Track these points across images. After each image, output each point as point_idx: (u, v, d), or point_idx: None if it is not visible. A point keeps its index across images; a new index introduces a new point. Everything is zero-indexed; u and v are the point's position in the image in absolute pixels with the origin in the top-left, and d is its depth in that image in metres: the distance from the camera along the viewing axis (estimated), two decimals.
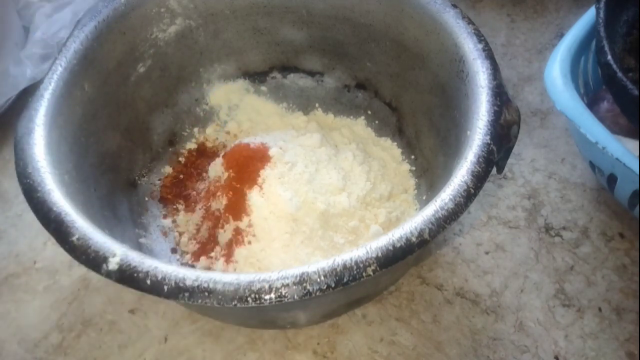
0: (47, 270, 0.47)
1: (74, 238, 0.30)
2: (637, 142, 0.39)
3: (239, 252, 0.40)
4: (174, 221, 0.46)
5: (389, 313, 0.43)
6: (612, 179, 0.41)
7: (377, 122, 0.50)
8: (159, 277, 0.29)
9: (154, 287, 0.29)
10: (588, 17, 0.44)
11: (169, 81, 0.48)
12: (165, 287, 0.28)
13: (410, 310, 0.43)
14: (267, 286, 0.28)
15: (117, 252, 0.30)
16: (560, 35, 0.55)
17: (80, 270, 0.46)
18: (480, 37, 0.37)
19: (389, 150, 0.48)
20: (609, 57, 0.39)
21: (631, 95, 0.37)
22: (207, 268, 0.42)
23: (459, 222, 0.47)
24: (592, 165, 0.43)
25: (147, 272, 0.29)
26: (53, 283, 0.46)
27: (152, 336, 0.43)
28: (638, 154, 0.38)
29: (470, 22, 0.38)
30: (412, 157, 0.47)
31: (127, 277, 0.29)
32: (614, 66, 0.38)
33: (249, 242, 0.40)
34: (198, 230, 0.44)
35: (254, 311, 0.35)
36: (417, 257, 0.43)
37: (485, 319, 0.42)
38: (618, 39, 0.43)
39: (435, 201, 0.30)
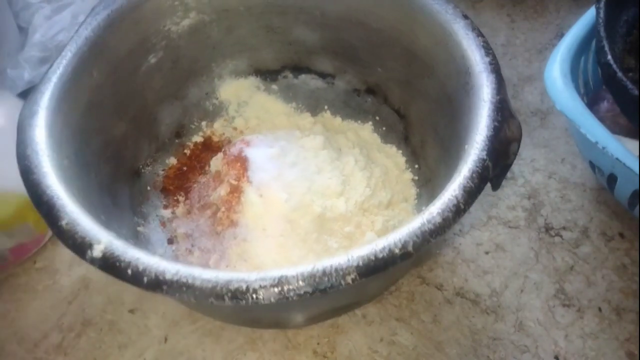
0: (47, 270, 0.47)
1: (63, 222, 0.31)
2: (637, 142, 0.39)
3: (233, 249, 0.41)
4: (173, 212, 0.46)
5: (389, 313, 0.43)
6: (612, 179, 0.41)
7: (384, 128, 0.49)
8: (140, 268, 0.29)
9: (135, 278, 0.29)
10: (588, 17, 0.44)
11: (180, 73, 0.48)
12: (145, 279, 0.28)
13: (410, 310, 0.43)
14: (244, 286, 0.28)
15: (103, 239, 0.30)
16: (560, 35, 0.55)
17: (80, 270, 0.46)
18: (488, 50, 0.36)
19: (393, 157, 0.48)
20: (609, 57, 0.39)
21: (631, 95, 0.37)
22: (201, 262, 0.42)
23: (459, 222, 0.47)
24: (592, 165, 0.43)
25: (129, 263, 0.29)
26: (53, 283, 0.46)
27: (152, 336, 0.43)
28: (638, 154, 0.38)
29: (479, 34, 0.37)
30: (416, 166, 0.47)
31: (109, 265, 0.29)
32: (614, 66, 0.38)
33: (243, 240, 0.40)
34: (195, 224, 0.44)
35: (241, 310, 0.35)
36: (417, 259, 0.43)
37: (485, 319, 0.42)
38: (618, 39, 0.43)
39: (423, 214, 0.30)
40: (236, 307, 0.29)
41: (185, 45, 0.47)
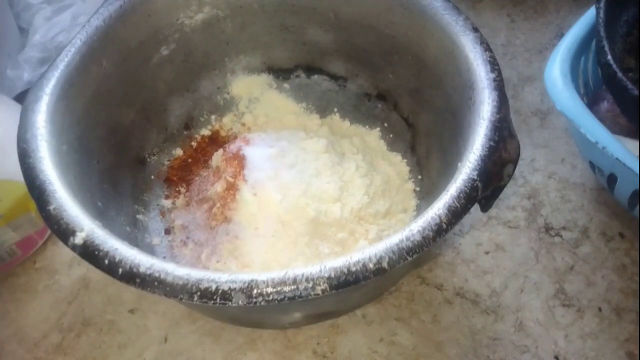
0: (47, 270, 0.47)
1: (51, 207, 0.31)
2: (637, 142, 0.39)
3: (224, 245, 0.41)
4: (173, 203, 0.46)
5: (389, 313, 0.43)
6: (612, 179, 0.41)
7: (391, 135, 0.49)
8: (117, 259, 0.29)
9: (110, 268, 0.29)
10: (588, 17, 0.44)
11: (192, 67, 0.49)
12: (120, 270, 0.29)
13: (410, 310, 0.43)
14: (214, 287, 0.28)
15: (85, 227, 0.30)
16: (560, 35, 0.54)
17: (80, 270, 0.47)
18: (494, 65, 0.36)
19: (397, 166, 0.47)
20: (609, 57, 0.39)
21: (631, 95, 0.37)
22: (193, 254, 0.42)
23: (459, 222, 0.47)
24: (592, 165, 0.43)
25: (106, 252, 0.29)
26: (53, 283, 0.46)
27: (152, 336, 0.43)
28: (638, 154, 0.38)
29: (487, 48, 0.36)
30: (419, 177, 0.46)
31: (88, 253, 0.30)
32: (614, 66, 0.38)
33: (235, 237, 0.41)
34: (192, 216, 0.44)
35: (224, 308, 0.36)
36: (417, 261, 0.43)
37: (485, 319, 0.42)
38: (618, 39, 0.43)
39: (404, 230, 0.29)
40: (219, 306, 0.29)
41: (199, 39, 0.47)
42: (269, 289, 0.28)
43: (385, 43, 0.45)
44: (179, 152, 0.49)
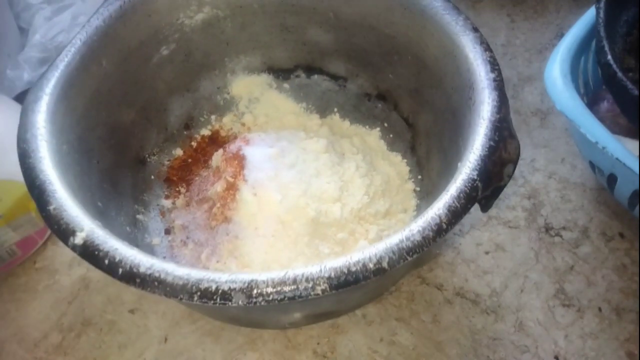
0: (47, 270, 0.47)
1: (51, 207, 0.31)
2: (637, 142, 0.39)
3: (224, 245, 0.41)
4: (173, 203, 0.46)
5: (389, 313, 0.43)
6: (612, 179, 0.41)
7: (391, 135, 0.49)
8: (117, 259, 0.29)
9: (111, 268, 0.29)
10: (588, 17, 0.44)
11: (192, 66, 0.49)
12: (120, 270, 0.29)
13: (410, 310, 0.43)
14: (214, 287, 0.28)
15: (85, 227, 0.30)
16: (560, 35, 0.55)
17: (80, 270, 0.47)
18: (494, 65, 0.36)
19: (397, 166, 0.47)
20: (609, 57, 0.39)
21: (631, 95, 0.37)
22: (193, 254, 0.42)
23: (459, 222, 0.47)
24: (592, 165, 0.43)
25: (107, 252, 0.30)
26: (53, 283, 0.46)
27: (152, 336, 0.43)
28: (638, 154, 0.38)
29: (487, 48, 0.36)
30: (419, 177, 0.46)
31: (89, 253, 0.30)
32: (614, 66, 0.38)
33: (235, 237, 0.41)
34: (192, 216, 0.44)
35: (220, 308, 0.36)
36: (417, 261, 0.43)
37: (485, 319, 0.42)
38: (618, 39, 0.43)
39: (404, 230, 0.29)
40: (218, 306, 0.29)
41: (199, 39, 0.47)
42: (269, 289, 0.28)
43: (385, 43, 0.45)
44: (179, 152, 0.49)
